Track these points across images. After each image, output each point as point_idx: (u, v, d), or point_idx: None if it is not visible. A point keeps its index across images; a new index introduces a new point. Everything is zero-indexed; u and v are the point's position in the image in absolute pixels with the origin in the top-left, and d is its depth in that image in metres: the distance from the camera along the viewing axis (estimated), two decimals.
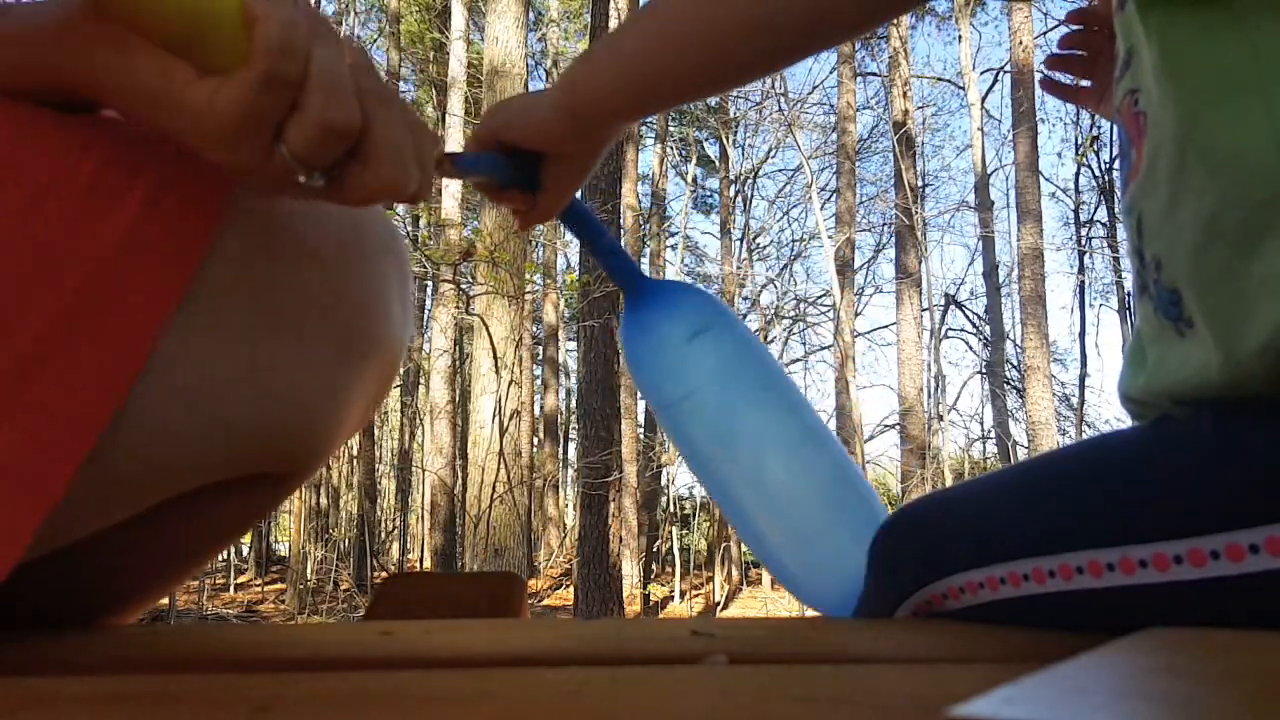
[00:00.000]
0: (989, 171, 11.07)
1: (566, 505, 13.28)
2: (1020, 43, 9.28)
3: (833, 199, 11.48)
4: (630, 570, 8.92)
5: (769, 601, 10.44)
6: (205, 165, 0.39)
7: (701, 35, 0.53)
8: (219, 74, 0.36)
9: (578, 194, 0.70)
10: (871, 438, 12.25)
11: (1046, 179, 12.30)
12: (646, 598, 9.51)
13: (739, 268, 12.60)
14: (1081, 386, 11.68)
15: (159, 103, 0.37)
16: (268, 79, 0.36)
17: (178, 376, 0.40)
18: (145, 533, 0.48)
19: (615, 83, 0.58)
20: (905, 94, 10.44)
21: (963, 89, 11.30)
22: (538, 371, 11.96)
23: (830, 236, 9.93)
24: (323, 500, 10.38)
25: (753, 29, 0.52)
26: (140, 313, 0.39)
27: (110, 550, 0.48)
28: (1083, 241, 12.27)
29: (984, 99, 11.33)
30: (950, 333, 12.54)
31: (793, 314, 13.43)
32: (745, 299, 13.54)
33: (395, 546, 12.05)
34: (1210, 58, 0.42)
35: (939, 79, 13.12)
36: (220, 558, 11.20)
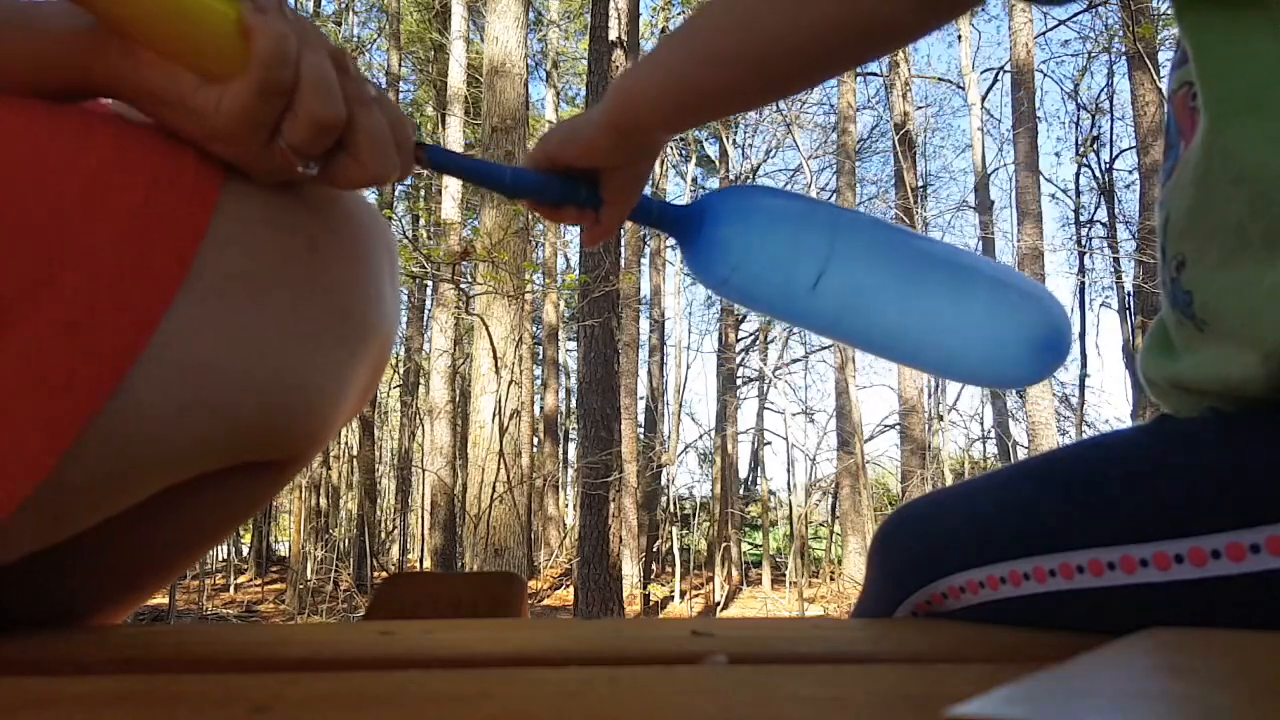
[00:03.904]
0: (989, 171, 11.07)
1: (566, 505, 13.28)
2: (1021, 42, 9.27)
3: (833, 199, 11.47)
4: (630, 570, 8.92)
5: (769, 601, 10.44)
6: (200, 157, 0.44)
7: (740, 53, 0.53)
8: (220, 80, 0.42)
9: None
10: (871, 438, 12.26)
11: (1047, 179, 12.30)
12: (646, 598, 9.51)
13: None
14: (1081, 386, 11.68)
15: (170, 106, 0.43)
16: (265, 86, 0.42)
17: (178, 359, 0.41)
18: (145, 523, 0.49)
19: (659, 99, 0.59)
20: (905, 94, 10.44)
21: (963, 89, 11.29)
22: (538, 371, 11.95)
23: None
24: (323, 500, 10.37)
25: (791, 50, 0.52)
26: (140, 301, 0.40)
27: (111, 542, 0.49)
28: (1082, 242, 12.27)
29: (984, 99, 11.33)
30: None
31: None
32: None
33: (395, 546, 12.05)
34: (1241, 63, 0.41)
35: (939, 79, 13.13)
36: (220, 557, 11.21)
